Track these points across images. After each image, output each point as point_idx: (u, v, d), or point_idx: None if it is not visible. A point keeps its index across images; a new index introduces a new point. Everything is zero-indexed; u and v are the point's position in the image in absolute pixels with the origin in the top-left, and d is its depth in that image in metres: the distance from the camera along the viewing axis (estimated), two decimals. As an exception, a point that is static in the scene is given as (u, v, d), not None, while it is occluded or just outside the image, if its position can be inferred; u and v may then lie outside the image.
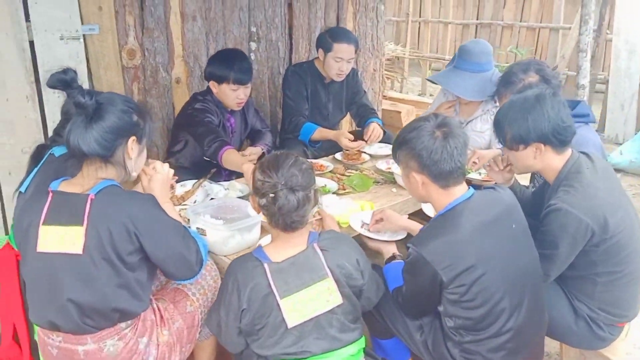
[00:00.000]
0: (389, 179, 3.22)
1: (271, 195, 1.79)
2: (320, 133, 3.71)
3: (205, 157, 3.10)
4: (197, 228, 2.33)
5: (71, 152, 1.71)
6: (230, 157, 2.98)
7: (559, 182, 2.15)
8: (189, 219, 2.36)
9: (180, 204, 2.75)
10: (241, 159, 3.00)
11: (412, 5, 9.83)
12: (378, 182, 3.21)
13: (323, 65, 3.69)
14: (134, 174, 1.85)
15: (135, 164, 1.85)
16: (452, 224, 1.92)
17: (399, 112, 5.33)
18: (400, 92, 9.21)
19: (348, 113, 4.09)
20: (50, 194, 1.72)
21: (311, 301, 1.82)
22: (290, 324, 1.79)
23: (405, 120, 5.37)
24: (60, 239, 1.65)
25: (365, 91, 4.08)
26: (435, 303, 1.97)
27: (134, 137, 1.79)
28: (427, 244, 1.89)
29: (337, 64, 3.60)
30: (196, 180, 2.96)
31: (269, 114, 4.31)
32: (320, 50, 3.65)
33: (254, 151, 3.35)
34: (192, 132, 3.18)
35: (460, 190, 1.97)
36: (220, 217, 2.46)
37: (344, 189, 3.07)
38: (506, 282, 1.90)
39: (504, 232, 1.96)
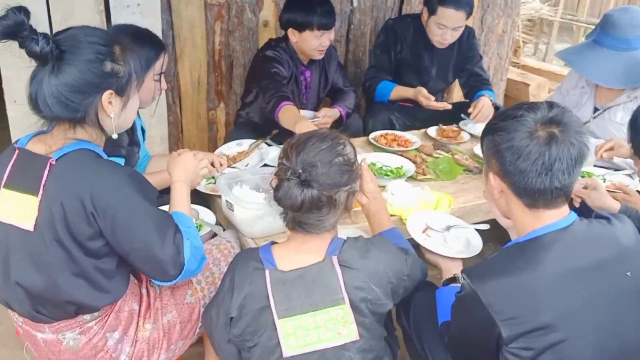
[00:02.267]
0: (486, 169, 2.61)
1: (277, 181, 1.39)
2: (398, 92, 3.17)
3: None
4: (226, 201, 1.99)
5: (34, 112, 1.39)
6: (286, 115, 2.58)
7: None
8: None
9: (229, 166, 2.42)
10: (297, 116, 2.57)
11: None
12: (470, 171, 2.62)
13: (426, 28, 3.09)
14: (115, 135, 1.50)
15: (120, 120, 1.50)
16: (530, 260, 1.35)
17: (527, 85, 4.50)
18: (544, 60, 8.06)
19: (456, 80, 3.45)
20: (16, 151, 1.44)
21: (317, 329, 1.41)
22: (286, 353, 1.40)
23: (534, 96, 4.53)
24: (16, 209, 1.37)
25: (481, 56, 3.39)
26: (489, 358, 1.45)
27: (109, 91, 1.42)
28: (487, 280, 1.35)
29: (440, 31, 2.98)
30: (255, 140, 2.61)
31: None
32: (425, 9, 3.05)
33: (329, 113, 2.90)
34: (257, 83, 2.84)
35: (555, 215, 1.38)
36: (264, 189, 2.09)
37: (424, 174, 2.54)
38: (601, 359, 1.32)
39: (610, 285, 1.36)
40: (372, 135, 2.91)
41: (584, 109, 2.91)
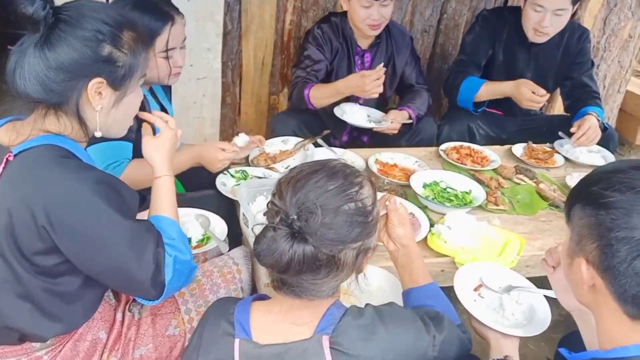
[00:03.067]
0: (577, 207, 2.11)
1: (263, 228, 1.05)
2: (489, 88, 2.62)
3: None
4: (243, 214, 1.70)
5: (9, 87, 1.16)
6: (319, 91, 2.38)
7: None
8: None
9: (267, 166, 2.13)
10: (338, 83, 2.33)
11: None
12: (556, 207, 2.14)
13: (522, 15, 2.56)
14: (98, 134, 1.23)
15: (108, 119, 1.23)
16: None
17: (650, 102, 3.79)
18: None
19: (558, 89, 2.89)
20: None
21: None
22: None
23: (657, 115, 3.81)
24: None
25: (593, 63, 2.80)
26: None
27: (100, 79, 1.16)
28: None
29: (536, 15, 2.44)
30: (301, 139, 2.29)
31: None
32: None
33: (399, 116, 2.50)
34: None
35: None
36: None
37: (496, 204, 2.09)
38: None
39: None
40: (443, 146, 2.48)
41: None
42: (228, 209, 1.90)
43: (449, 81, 2.72)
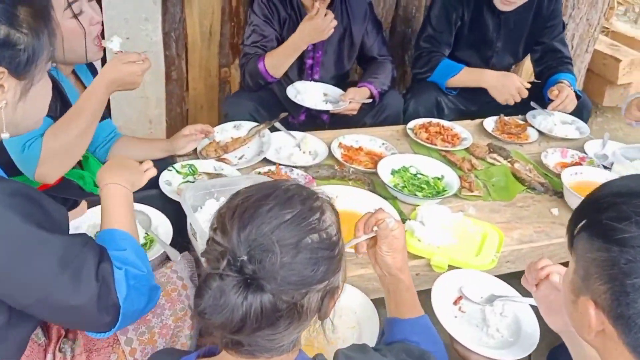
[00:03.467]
0: (557, 188, 1.98)
1: (199, 285, 0.84)
2: (468, 76, 2.44)
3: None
4: (190, 225, 1.48)
5: None
6: (274, 57, 2.18)
7: None
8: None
9: (218, 157, 1.89)
10: (291, 38, 2.13)
11: None
12: (532, 189, 1.99)
13: None
14: (6, 135, 0.99)
15: (17, 114, 1.00)
16: None
17: (618, 61, 3.65)
18: (635, 22, 6.91)
19: (529, 56, 2.71)
20: None
21: None
22: None
23: (624, 75, 3.69)
24: None
25: (565, 25, 2.63)
26: None
27: (1, 69, 0.93)
28: None
29: None
30: (257, 124, 2.05)
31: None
32: None
33: (357, 94, 2.27)
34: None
35: None
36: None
37: (470, 189, 1.93)
38: None
39: None
40: (411, 124, 2.28)
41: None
42: (176, 213, 1.66)
43: (420, 62, 2.49)
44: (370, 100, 2.28)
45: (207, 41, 2.73)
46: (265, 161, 1.90)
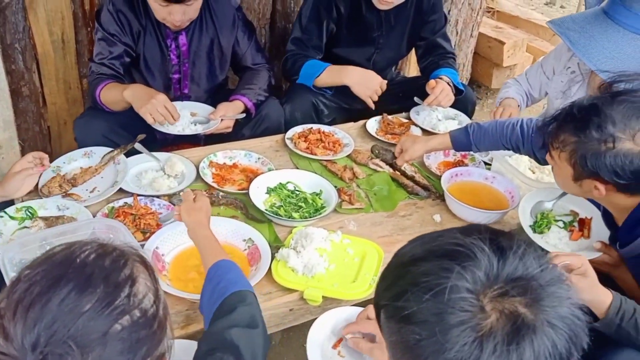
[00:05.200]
0: (440, 191, 1.91)
1: None
2: (331, 73, 2.28)
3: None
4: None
5: None
6: (109, 95, 1.94)
7: None
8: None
9: (65, 193, 1.65)
10: (125, 92, 1.88)
11: None
12: (417, 195, 1.92)
13: None
14: None
15: None
16: None
17: (502, 43, 3.70)
18: (522, -3, 7.16)
19: (413, 51, 2.64)
20: None
21: None
22: None
23: (509, 57, 3.75)
24: None
25: (446, 19, 2.58)
26: None
27: None
28: None
29: None
30: (110, 150, 1.82)
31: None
32: None
33: (230, 109, 2.07)
34: None
35: None
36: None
37: (351, 202, 1.82)
38: None
39: None
40: (290, 132, 2.14)
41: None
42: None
43: (287, 66, 2.33)
44: (244, 116, 2.10)
45: (61, 50, 2.42)
46: (122, 192, 1.69)
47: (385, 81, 2.30)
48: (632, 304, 1.32)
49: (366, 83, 2.26)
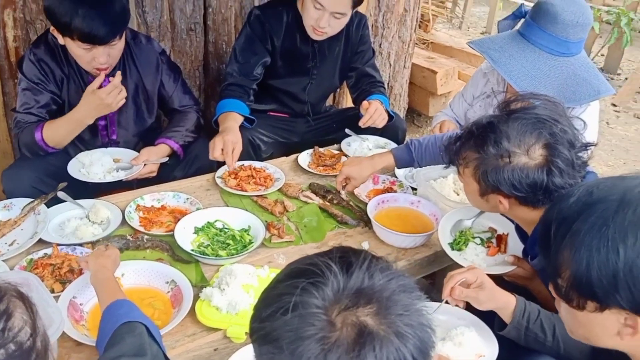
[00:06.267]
0: (366, 221, 1.95)
1: None
2: (222, 120, 2.24)
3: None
4: None
5: None
6: (54, 129, 1.98)
7: None
8: None
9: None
10: (74, 111, 1.94)
11: None
12: (345, 224, 1.95)
13: (301, 7, 2.30)
14: None
15: None
16: None
17: (435, 73, 3.86)
18: (460, 27, 7.51)
19: (345, 83, 2.73)
20: None
21: None
22: None
23: (442, 86, 3.90)
24: None
25: (374, 52, 2.68)
26: None
27: None
28: None
29: (316, 13, 2.19)
30: (31, 201, 1.79)
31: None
32: None
33: (152, 155, 2.08)
34: None
35: None
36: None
37: (280, 236, 1.83)
38: None
39: None
40: (219, 171, 2.15)
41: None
42: None
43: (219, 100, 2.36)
44: (167, 159, 2.11)
45: (-10, 104, 2.41)
46: (42, 243, 1.66)
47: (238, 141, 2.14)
48: (536, 307, 1.38)
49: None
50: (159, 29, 2.66)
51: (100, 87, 1.94)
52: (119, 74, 1.95)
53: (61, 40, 1.94)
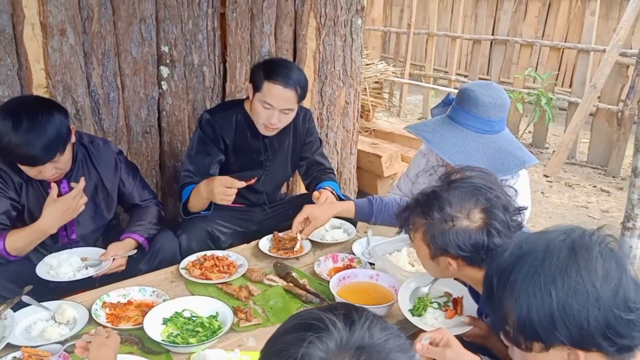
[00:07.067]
0: (330, 297, 2.03)
1: None
2: (194, 196, 2.38)
3: None
4: None
5: None
6: (17, 239, 2.01)
7: None
8: None
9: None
10: (37, 224, 1.99)
11: (415, 15, 8.61)
12: (311, 303, 2.02)
13: (251, 109, 2.50)
14: None
15: None
16: None
17: (380, 157, 4.13)
18: (398, 115, 8.03)
19: (297, 172, 2.90)
20: None
21: None
22: None
23: (387, 168, 4.17)
24: None
25: (321, 141, 2.89)
26: None
27: None
28: None
29: (266, 111, 2.40)
30: (-3, 305, 1.79)
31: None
32: (250, 86, 2.46)
33: (119, 250, 2.14)
34: None
35: None
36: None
37: (247, 319, 1.88)
38: None
39: None
40: (184, 262, 2.21)
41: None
42: None
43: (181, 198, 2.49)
44: (135, 252, 2.17)
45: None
46: (10, 347, 1.64)
47: (225, 189, 2.28)
48: None
49: (212, 187, 2.28)
50: (115, 134, 2.80)
51: (59, 195, 2.03)
52: (82, 179, 2.04)
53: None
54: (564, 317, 0.96)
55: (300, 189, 3.54)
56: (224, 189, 2.20)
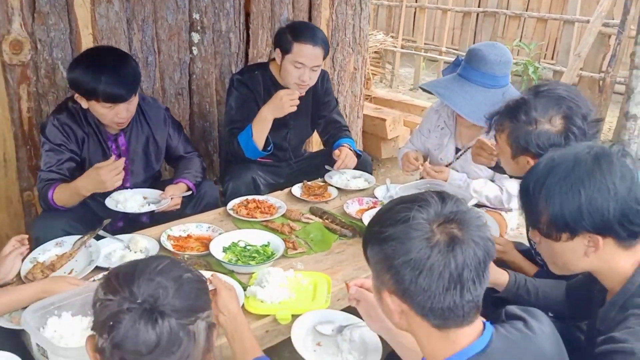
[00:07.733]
0: (361, 230, 2.34)
1: (110, 323, 0.97)
2: (257, 125, 2.70)
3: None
4: (37, 345, 1.46)
5: None
6: (62, 193, 2.21)
7: (628, 298, 1.29)
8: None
9: (45, 277, 1.85)
10: (77, 182, 2.19)
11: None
12: (345, 236, 2.33)
13: (280, 71, 2.76)
14: None
15: None
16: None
17: (384, 120, 4.43)
18: (391, 86, 8.32)
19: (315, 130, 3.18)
20: None
21: None
22: None
23: (391, 131, 4.47)
24: None
25: (337, 101, 3.17)
26: None
27: None
28: None
29: (297, 70, 2.67)
30: (80, 236, 2.06)
31: (215, 126, 3.39)
32: (278, 50, 2.72)
33: (175, 191, 2.42)
34: None
35: (469, 335, 1.10)
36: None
37: (294, 248, 2.19)
38: None
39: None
40: (230, 204, 2.50)
41: (447, 150, 2.81)
42: (15, 345, 1.59)
43: (231, 148, 2.76)
44: (190, 193, 2.45)
45: (3, 169, 2.64)
46: (98, 269, 1.92)
47: (287, 90, 2.67)
48: (522, 277, 1.79)
49: (278, 104, 2.65)
50: (151, 95, 3.04)
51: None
52: (122, 159, 2.22)
53: (85, 104, 2.26)
54: (589, 209, 1.26)
55: (313, 147, 3.82)
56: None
